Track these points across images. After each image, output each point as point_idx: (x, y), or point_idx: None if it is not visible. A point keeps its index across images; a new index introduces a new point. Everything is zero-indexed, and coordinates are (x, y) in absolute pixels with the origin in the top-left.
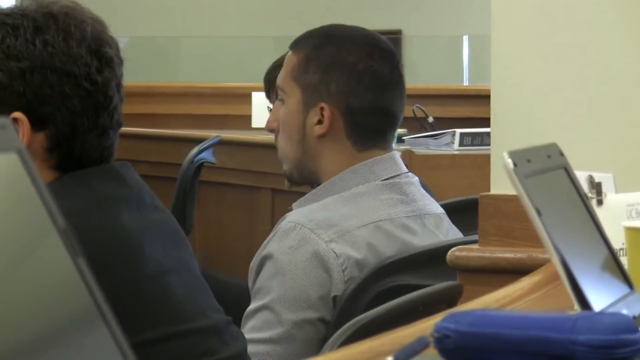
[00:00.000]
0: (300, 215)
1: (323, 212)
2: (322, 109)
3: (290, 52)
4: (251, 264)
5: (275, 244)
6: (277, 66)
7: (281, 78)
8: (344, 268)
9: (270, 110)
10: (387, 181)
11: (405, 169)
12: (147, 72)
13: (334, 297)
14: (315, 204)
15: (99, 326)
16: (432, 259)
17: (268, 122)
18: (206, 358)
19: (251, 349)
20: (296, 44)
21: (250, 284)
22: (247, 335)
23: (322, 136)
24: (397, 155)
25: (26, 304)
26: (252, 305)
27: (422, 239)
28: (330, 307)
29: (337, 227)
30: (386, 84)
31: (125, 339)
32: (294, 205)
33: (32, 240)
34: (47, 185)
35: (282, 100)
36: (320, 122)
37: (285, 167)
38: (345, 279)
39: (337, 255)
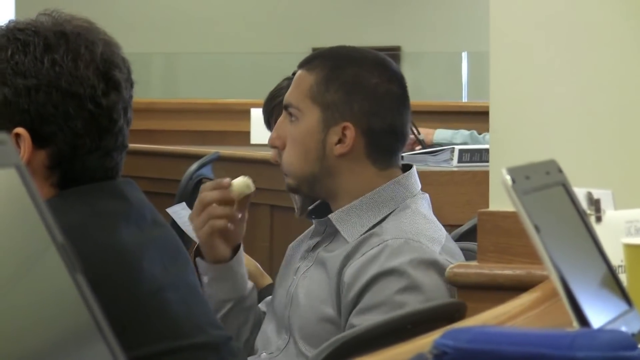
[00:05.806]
0: (399, 231)
1: (412, 225)
2: (344, 128)
3: (302, 71)
4: (348, 281)
5: (393, 260)
6: (273, 97)
7: (294, 97)
8: None
9: None
10: (421, 195)
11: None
12: (145, 88)
13: None
14: (391, 220)
15: (97, 341)
16: None
17: (271, 139)
18: None
19: None
20: (309, 63)
21: (349, 301)
22: None
23: (342, 155)
24: None
25: (25, 319)
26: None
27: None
28: None
29: (436, 240)
30: (401, 106)
31: (123, 355)
32: (333, 217)
33: (31, 256)
34: (47, 200)
35: (294, 118)
36: (340, 141)
37: (290, 180)
38: None
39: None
